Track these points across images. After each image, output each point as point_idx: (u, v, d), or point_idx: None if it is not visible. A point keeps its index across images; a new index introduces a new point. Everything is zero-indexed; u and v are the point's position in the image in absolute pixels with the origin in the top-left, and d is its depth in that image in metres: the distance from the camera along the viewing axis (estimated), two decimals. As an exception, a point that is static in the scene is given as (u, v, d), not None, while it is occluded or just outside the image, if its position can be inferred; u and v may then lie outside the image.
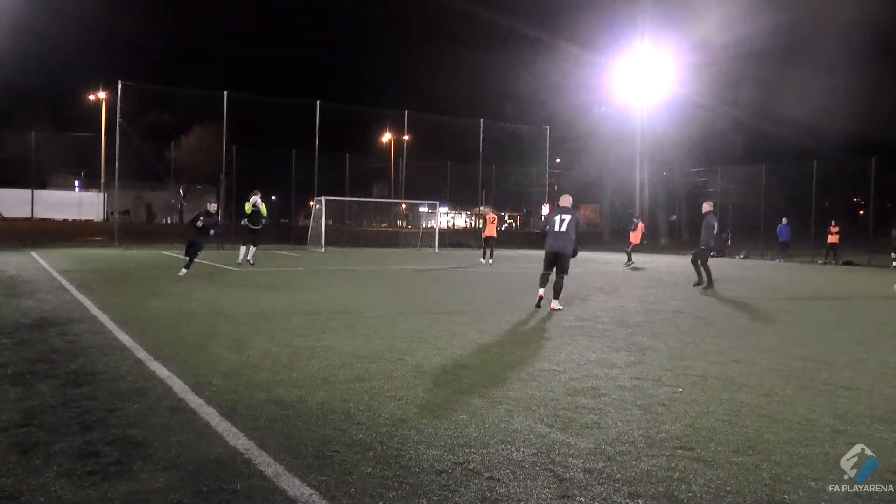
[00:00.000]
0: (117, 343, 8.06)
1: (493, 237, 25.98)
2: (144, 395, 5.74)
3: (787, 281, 20.49)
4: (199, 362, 7.07)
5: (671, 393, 6.17)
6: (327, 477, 4.02)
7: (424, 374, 6.74)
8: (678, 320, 11.12)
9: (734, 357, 7.97)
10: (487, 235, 26.07)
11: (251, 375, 6.53)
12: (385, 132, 62.39)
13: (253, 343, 8.16)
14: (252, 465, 4.19)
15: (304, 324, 9.80)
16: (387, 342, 8.41)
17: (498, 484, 3.97)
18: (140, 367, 6.80)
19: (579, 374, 6.85)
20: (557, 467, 4.25)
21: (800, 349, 8.67)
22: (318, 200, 37.61)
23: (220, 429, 4.85)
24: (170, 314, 10.58)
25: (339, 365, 7.04)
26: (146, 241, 35.24)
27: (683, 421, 5.29)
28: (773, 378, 6.92)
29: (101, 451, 4.36)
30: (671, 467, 4.30)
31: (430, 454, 4.43)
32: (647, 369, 7.17)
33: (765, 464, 4.39)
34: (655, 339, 9.07)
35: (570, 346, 8.39)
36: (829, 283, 21.16)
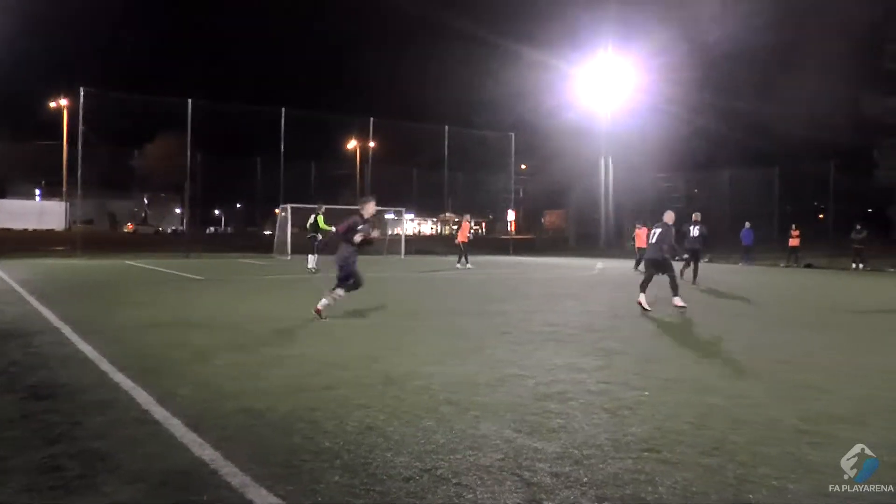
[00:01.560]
0: (80, 355, 7.94)
1: (465, 242, 27.02)
2: (109, 407, 5.66)
3: (751, 284, 20.76)
4: (165, 373, 6.99)
5: (638, 396, 6.22)
6: (295, 486, 3.99)
7: (393, 381, 6.72)
8: (645, 324, 11.22)
9: (701, 360, 8.06)
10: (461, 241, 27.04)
11: (218, 385, 6.47)
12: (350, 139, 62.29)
13: (220, 352, 8.09)
14: (218, 476, 4.15)
15: (272, 332, 9.73)
16: (355, 350, 8.39)
17: (465, 490, 3.97)
18: (104, 379, 6.71)
19: (547, 379, 6.88)
20: (525, 472, 4.27)
21: (766, 351, 8.78)
22: (284, 208, 37.43)
23: (186, 440, 4.80)
24: (135, 324, 10.45)
25: (308, 373, 7.01)
26: (110, 251, 34.79)
27: (651, 424, 5.34)
28: (740, 380, 7.01)
29: (64, 465, 4.29)
30: (638, 470, 4.33)
31: (397, 461, 4.42)
32: (615, 373, 7.21)
33: (730, 464, 4.44)
34: (623, 344, 9.13)
35: (538, 352, 8.43)
36: (792, 285, 21.47)
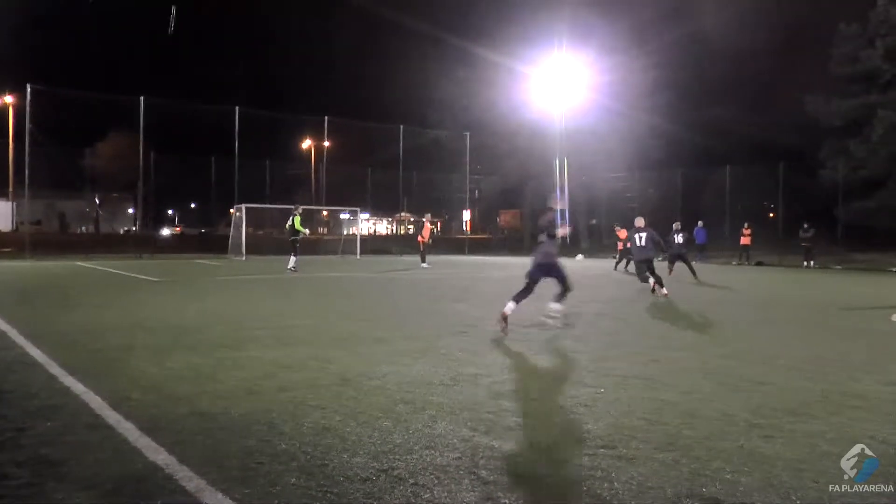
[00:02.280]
0: (28, 359, 7.77)
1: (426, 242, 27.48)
2: (58, 412, 5.55)
3: (704, 282, 21.06)
4: (117, 376, 6.87)
5: (593, 393, 6.28)
6: (251, 489, 3.96)
7: (348, 381, 6.70)
8: (600, 322, 11.33)
9: (655, 357, 8.16)
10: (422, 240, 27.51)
11: (172, 388, 6.38)
12: (305, 138, 61.86)
13: (174, 355, 7.98)
14: (173, 480, 4.09)
15: (227, 334, 9.63)
16: (310, 351, 8.34)
17: (422, 489, 3.97)
18: (53, 383, 6.57)
19: (502, 378, 6.91)
20: (482, 471, 4.28)
21: (717, 347, 8.93)
22: (238, 208, 37.08)
23: (139, 444, 4.73)
24: (86, 327, 10.27)
25: (263, 375, 6.95)
26: (60, 252, 34.12)
27: (606, 420, 5.39)
28: (693, 376, 7.11)
29: (11, 473, 4.19)
30: (594, 466, 4.37)
31: (354, 462, 4.41)
32: (570, 371, 7.28)
33: (684, 459, 4.51)
34: (577, 342, 9.21)
35: (493, 351, 8.46)
36: (743, 282, 21.85)
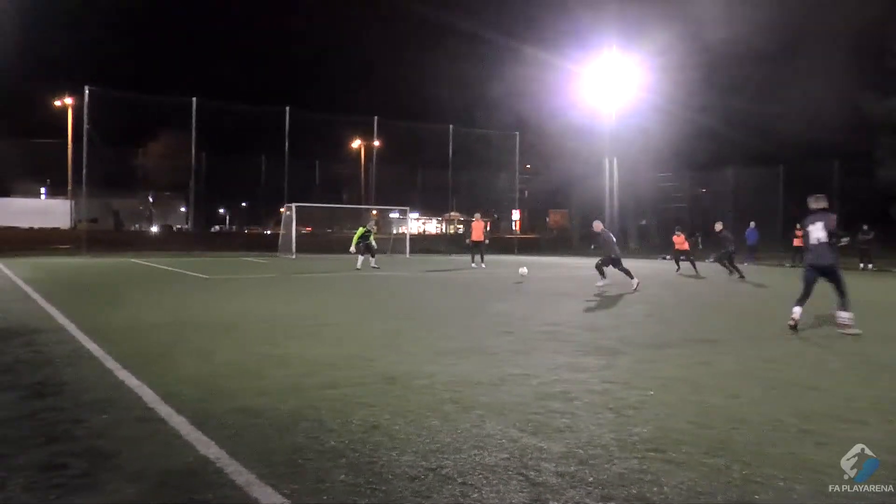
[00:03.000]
0: (85, 353, 7.95)
1: (480, 241, 26.69)
2: (113, 405, 5.66)
3: (754, 284, 20.71)
4: (168, 371, 6.99)
5: (641, 396, 6.21)
6: (300, 485, 3.99)
7: (394, 380, 6.72)
8: (647, 324, 11.20)
9: (702, 359, 8.04)
10: (475, 240, 26.81)
11: (221, 384, 6.47)
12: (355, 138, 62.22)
13: (222, 351, 8.10)
14: (223, 474, 4.15)
15: (273, 331, 9.73)
16: (356, 349, 8.38)
17: (471, 489, 3.96)
18: (108, 377, 6.71)
19: (549, 379, 6.87)
20: (530, 471, 4.26)
21: (764, 350, 8.77)
22: (288, 207, 37.46)
23: (190, 438, 4.80)
24: (139, 323, 10.47)
25: (309, 372, 7.00)
26: (114, 250, 34.84)
27: (654, 423, 5.33)
28: (740, 379, 6.99)
29: (68, 464, 4.29)
30: (643, 469, 4.32)
31: (402, 460, 4.42)
32: (617, 373, 7.20)
33: (735, 464, 4.43)
34: (624, 343, 9.12)
35: (539, 351, 8.42)
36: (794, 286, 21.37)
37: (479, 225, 27.10)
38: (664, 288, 18.47)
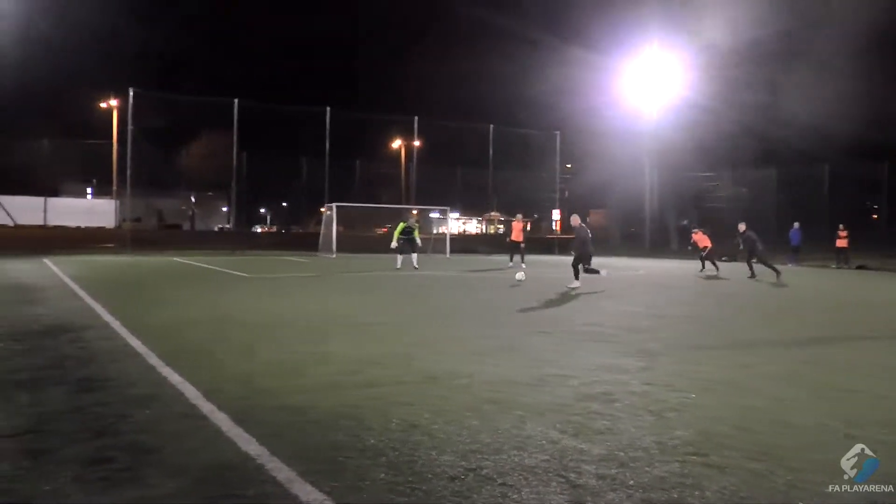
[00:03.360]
0: (129, 349, 8.08)
1: (519, 242, 26.67)
2: (156, 400, 5.75)
3: (796, 286, 20.39)
4: (209, 368, 7.08)
5: (682, 398, 6.14)
6: (340, 483, 4.01)
7: (434, 379, 6.73)
8: (687, 325, 11.08)
9: (743, 362, 7.92)
10: (514, 240, 26.81)
11: (261, 381, 6.53)
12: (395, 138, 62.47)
13: (263, 349, 8.17)
14: (264, 470, 4.18)
15: (313, 330, 9.80)
16: (396, 348, 8.41)
17: (511, 490, 3.95)
18: (151, 373, 6.82)
19: (590, 380, 6.82)
20: (570, 473, 4.23)
21: (810, 354, 8.62)
22: (329, 207, 37.70)
23: (231, 434, 4.85)
24: (181, 320, 10.61)
25: (349, 371, 7.04)
26: (157, 248, 35.36)
27: (695, 426, 5.26)
28: (783, 383, 6.88)
29: (112, 457, 4.36)
30: (684, 473, 4.27)
31: (442, 460, 4.42)
32: (658, 374, 7.13)
33: (779, 469, 4.35)
34: (665, 345, 9.02)
35: (579, 352, 8.37)
36: (839, 287, 21.03)
37: (518, 225, 27.04)
38: (703, 289, 18.26)
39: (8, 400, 5.74)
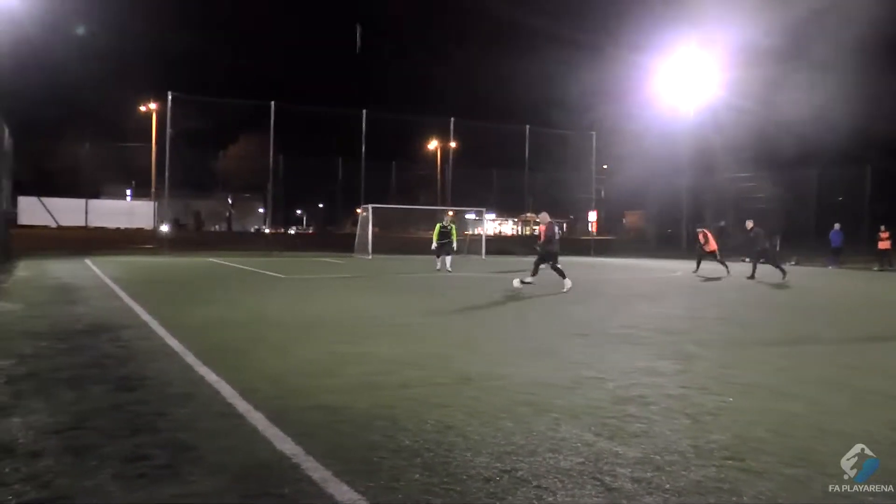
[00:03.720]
0: (167, 348, 8.19)
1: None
2: (193, 399, 5.82)
3: (837, 288, 20.07)
4: (246, 368, 7.15)
5: (719, 402, 6.07)
6: (375, 483, 4.03)
7: (469, 381, 6.73)
8: (724, 328, 10.95)
9: (782, 366, 7.82)
10: None
11: (297, 381, 6.58)
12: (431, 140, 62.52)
13: (298, 349, 8.23)
14: (300, 469, 4.22)
15: (348, 330, 9.85)
16: (431, 349, 8.42)
17: (546, 493, 3.94)
18: (189, 372, 6.90)
19: (625, 383, 6.78)
20: (605, 476, 4.21)
21: (850, 358, 8.48)
22: (365, 208, 37.86)
23: (267, 434, 4.90)
24: (218, 320, 10.73)
25: (384, 371, 7.07)
26: (195, 249, 35.78)
27: (732, 431, 5.20)
28: (822, 387, 6.77)
29: (151, 455, 4.43)
30: (721, 478, 4.22)
31: (477, 461, 4.42)
32: (694, 378, 7.07)
33: (819, 476, 4.28)
34: (701, 347, 8.93)
35: (615, 354, 8.31)
36: (880, 290, 20.65)
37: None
38: (740, 291, 18.04)
39: (52, 397, 5.85)
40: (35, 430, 4.91)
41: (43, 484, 3.95)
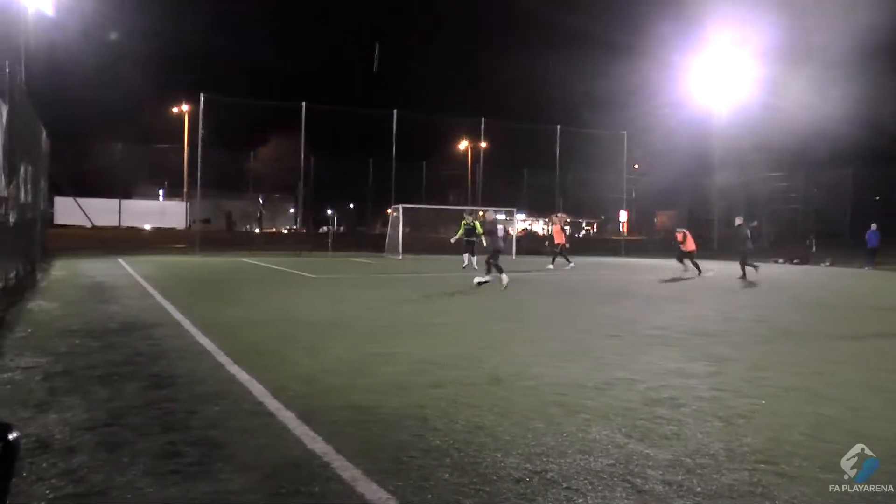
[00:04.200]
0: (198, 347, 8.26)
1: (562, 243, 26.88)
2: (224, 397, 5.86)
3: (874, 289, 19.77)
4: (277, 367, 7.19)
5: (752, 405, 6.00)
6: (404, 482, 4.03)
7: (500, 381, 6.71)
8: (757, 330, 10.82)
9: (817, 369, 7.71)
10: (558, 243, 27.15)
11: (327, 381, 6.61)
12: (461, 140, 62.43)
13: (329, 349, 8.26)
14: (330, 468, 4.23)
15: (379, 330, 9.87)
16: (461, 349, 8.41)
17: (576, 494, 3.91)
18: (220, 371, 6.96)
19: (657, 384, 6.72)
20: (636, 479, 4.18)
21: (887, 360, 8.34)
22: (395, 208, 37.88)
23: (297, 432, 4.92)
24: (249, 319, 10.80)
25: (414, 371, 7.07)
26: (226, 249, 36.06)
27: (765, 434, 5.13)
28: (859, 391, 6.66)
29: (183, 452, 4.47)
30: (753, 482, 4.17)
31: (507, 462, 4.40)
32: (727, 380, 6.99)
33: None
34: (734, 349, 8.84)
35: (646, 356, 8.25)
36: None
37: (557, 227, 27.80)
38: (775, 293, 17.82)
39: (86, 394, 5.93)
40: (70, 427, 4.98)
41: (78, 479, 4.01)
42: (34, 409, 5.43)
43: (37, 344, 8.31)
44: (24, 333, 9.06)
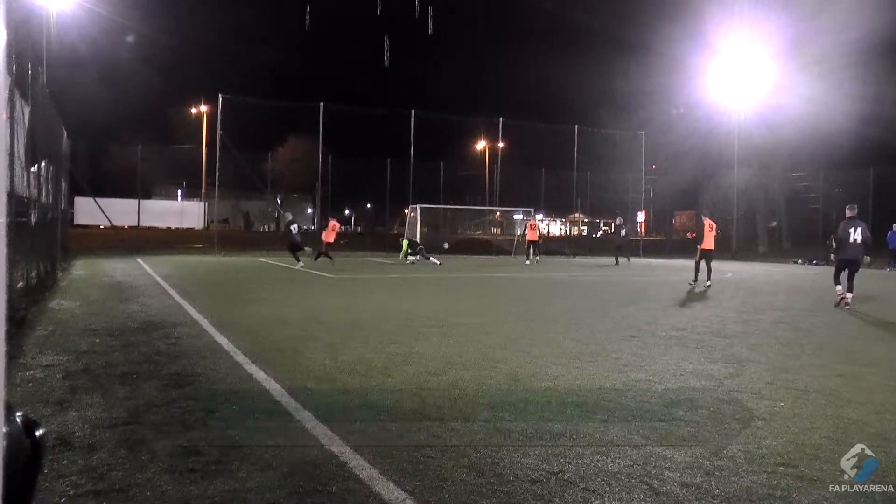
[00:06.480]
0: (217, 346, 8.31)
1: (535, 241, 30.68)
2: (242, 397, 5.90)
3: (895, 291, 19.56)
4: (294, 366, 7.22)
5: (772, 407, 5.96)
6: (421, 482, 4.04)
7: (518, 382, 6.70)
8: (778, 331, 10.73)
9: (838, 371, 7.63)
10: (530, 239, 30.84)
11: (345, 380, 6.62)
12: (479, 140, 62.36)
13: (347, 349, 8.28)
14: (347, 468, 4.24)
15: (397, 330, 9.88)
16: (480, 350, 8.40)
17: (593, 495, 3.90)
18: (238, 370, 6.99)
19: (676, 386, 6.69)
20: (654, 480, 4.16)
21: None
22: (413, 208, 37.94)
23: (315, 432, 4.94)
24: (267, 319, 10.84)
25: (433, 371, 7.08)
26: (244, 249, 36.20)
27: (785, 437, 5.09)
28: (883, 394, 6.58)
29: (202, 450, 4.49)
30: (773, 485, 4.14)
31: (524, 463, 4.40)
32: (746, 382, 6.94)
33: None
34: (754, 351, 8.77)
35: (665, 357, 8.21)
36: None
37: (534, 224, 31.60)
38: (796, 293, 17.70)
39: (107, 392, 5.98)
40: (91, 424, 5.02)
41: (98, 476, 4.04)
42: (55, 407, 5.48)
43: (58, 342, 8.39)
44: (45, 332, 9.15)
